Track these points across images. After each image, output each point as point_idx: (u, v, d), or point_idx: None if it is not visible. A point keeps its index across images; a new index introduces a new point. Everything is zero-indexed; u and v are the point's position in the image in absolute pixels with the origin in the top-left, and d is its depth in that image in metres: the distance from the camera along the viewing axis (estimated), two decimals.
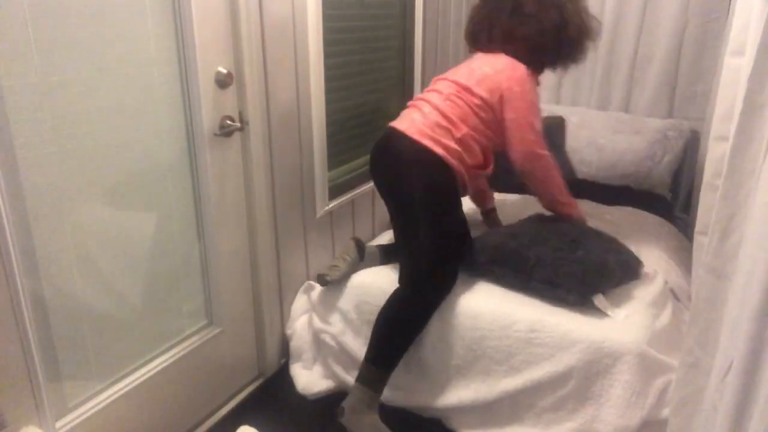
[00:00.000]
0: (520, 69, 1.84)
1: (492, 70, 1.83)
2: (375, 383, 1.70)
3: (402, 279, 1.82)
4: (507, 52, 1.89)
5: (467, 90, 1.81)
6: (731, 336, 1.01)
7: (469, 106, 1.80)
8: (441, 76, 1.93)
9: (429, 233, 1.76)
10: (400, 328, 1.74)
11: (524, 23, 1.87)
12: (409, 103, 1.93)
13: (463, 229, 1.85)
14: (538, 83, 1.92)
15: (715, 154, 1.28)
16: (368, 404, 1.68)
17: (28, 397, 1.25)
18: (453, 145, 1.77)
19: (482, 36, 1.97)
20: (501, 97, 1.80)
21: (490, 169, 1.95)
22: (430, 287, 1.76)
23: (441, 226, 1.78)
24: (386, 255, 2.07)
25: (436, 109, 1.80)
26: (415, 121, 1.80)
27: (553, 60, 1.96)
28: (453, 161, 1.77)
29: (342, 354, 1.92)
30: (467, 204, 2.16)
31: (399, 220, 1.90)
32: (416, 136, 1.76)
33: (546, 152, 1.85)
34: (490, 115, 1.82)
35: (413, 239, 1.78)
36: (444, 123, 1.77)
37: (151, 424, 1.62)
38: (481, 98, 1.79)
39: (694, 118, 2.72)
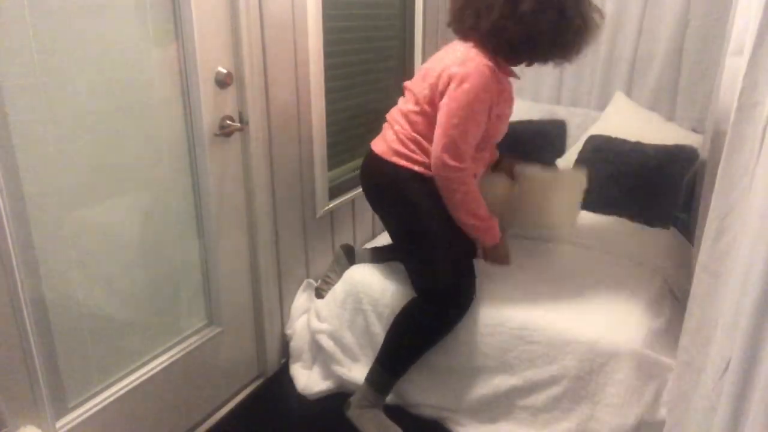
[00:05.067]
0: (470, 64, 1.57)
1: (441, 66, 1.62)
2: (382, 386, 1.73)
3: (419, 293, 1.75)
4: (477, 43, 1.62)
5: (420, 102, 1.66)
6: (728, 334, 1.01)
7: (429, 121, 1.65)
8: (407, 83, 1.78)
9: (430, 253, 1.70)
10: (413, 340, 1.72)
11: (518, 22, 1.56)
12: (387, 115, 1.82)
13: (460, 241, 1.73)
14: (507, 82, 1.68)
15: (714, 154, 1.28)
16: (372, 402, 1.72)
17: (27, 397, 1.25)
18: (427, 159, 1.65)
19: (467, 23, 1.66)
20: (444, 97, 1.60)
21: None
22: (449, 305, 1.69)
23: (437, 244, 1.69)
24: (377, 256, 2.06)
25: (402, 127, 1.70)
26: (387, 141, 1.73)
27: (539, 57, 1.67)
28: (429, 174, 1.66)
29: (340, 352, 1.92)
30: None
31: (396, 240, 1.84)
32: (387, 156, 1.71)
33: (455, 164, 1.58)
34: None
35: (416, 259, 1.74)
36: (414, 136, 1.67)
37: (151, 424, 1.62)
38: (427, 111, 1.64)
39: (696, 119, 2.71)
